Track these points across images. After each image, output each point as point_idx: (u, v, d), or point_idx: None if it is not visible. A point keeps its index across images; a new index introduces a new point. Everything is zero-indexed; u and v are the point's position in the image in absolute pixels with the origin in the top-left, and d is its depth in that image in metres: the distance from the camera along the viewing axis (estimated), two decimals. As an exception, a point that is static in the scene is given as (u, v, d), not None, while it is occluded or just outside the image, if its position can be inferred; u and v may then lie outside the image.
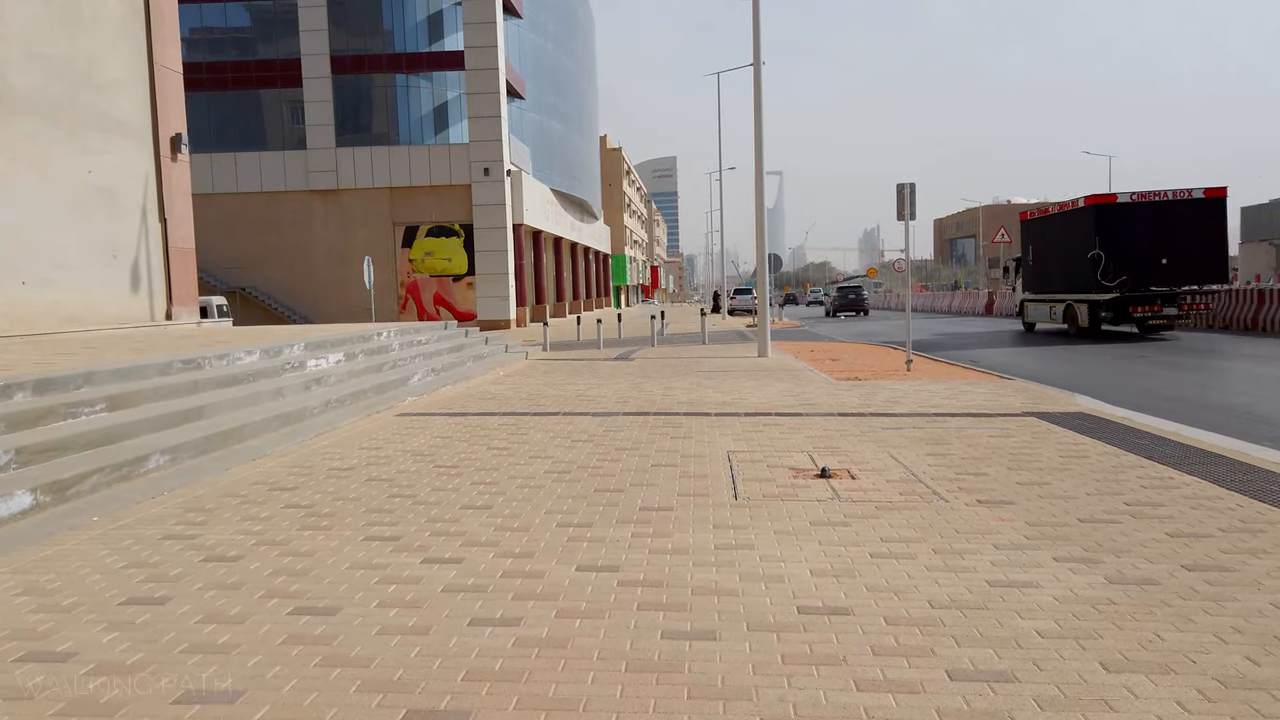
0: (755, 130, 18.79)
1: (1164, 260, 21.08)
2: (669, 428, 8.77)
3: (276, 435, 7.96)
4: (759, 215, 19.53)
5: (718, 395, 11.46)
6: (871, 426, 8.70)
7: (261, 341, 11.25)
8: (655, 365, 16.58)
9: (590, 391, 12.11)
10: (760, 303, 19.38)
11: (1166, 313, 21.16)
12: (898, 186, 15.92)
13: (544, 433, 8.55)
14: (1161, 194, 21.37)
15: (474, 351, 16.13)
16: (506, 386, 12.97)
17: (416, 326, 15.93)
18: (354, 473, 6.73)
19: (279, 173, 41.43)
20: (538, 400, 11.17)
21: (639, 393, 11.86)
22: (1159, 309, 21.12)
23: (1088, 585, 4.05)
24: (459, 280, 41.65)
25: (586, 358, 18.92)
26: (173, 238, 17.10)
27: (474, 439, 8.22)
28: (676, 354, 19.64)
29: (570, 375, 14.73)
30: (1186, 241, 21.04)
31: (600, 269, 74.71)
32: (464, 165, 40.77)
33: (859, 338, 26.61)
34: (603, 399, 11.21)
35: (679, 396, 11.37)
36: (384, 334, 14.05)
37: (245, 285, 41.33)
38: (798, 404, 10.49)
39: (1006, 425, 8.72)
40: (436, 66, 41.42)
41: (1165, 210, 21.25)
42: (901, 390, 11.83)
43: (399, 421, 9.40)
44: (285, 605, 3.86)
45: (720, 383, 13.09)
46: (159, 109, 16.73)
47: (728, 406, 10.34)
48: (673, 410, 10.06)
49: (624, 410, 10.07)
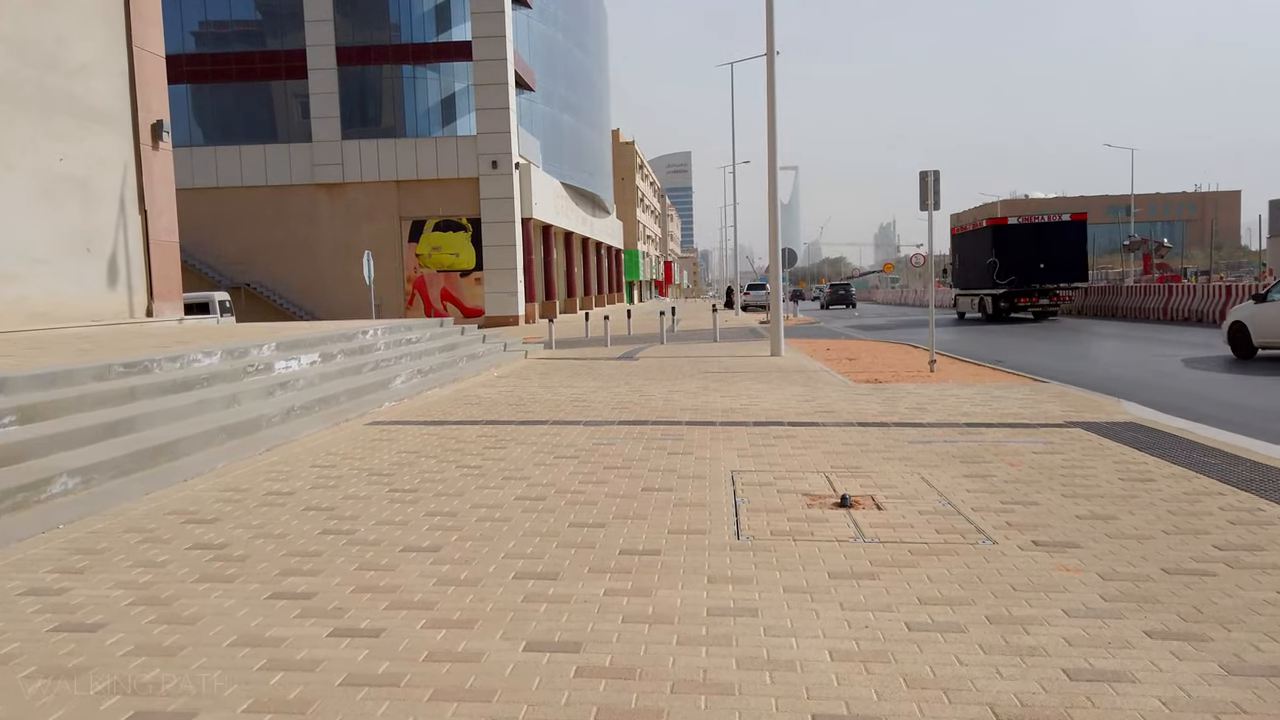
0: (768, 121, 17.73)
1: (1041, 265, 28.50)
2: (668, 440, 7.77)
3: (219, 450, 7.02)
4: (772, 208, 18.49)
5: (725, 400, 10.44)
6: (896, 440, 7.67)
7: (229, 340, 10.34)
8: (661, 365, 15.58)
9: (587, 396, 11.12)
10: (773, 299, 18.35)
11: (1042, 303, 28.81)
12: (921, 174, 14.85)
13: (526, 446, 7.57)
14: (1039, 217, 29.63)
15: (468, 350, 15.18)
16: (497, 389, 12.01)
17: (409, 324, 15.00)
18: (292, 499, 5.77)
19: (284, 166, 40.66)
20: (527, 406, 10.19)
21: (639, 397, 10.86)
22: (1037, 300, 28.90)
23: (1200, 679, 3.03)
24: (466, 275, 40.77)
25: (589, 357, 17.95)
26: (154, 230, 16.23)
27: (444, 455, 7.25)
28: (685, 353, 18.63)
29: (569, 377, 13.76)
30: (1059, 251, 28.68)
31: (613, 264, 73.72)
32: (472, 158, 39.85)
33: (874, 334, 25.50)
34: (599, 405, 10.22)
35: (682, 402, 10.37)
36: (370, 332, 13.11)
37: (250, 281, 40.60)
38: (813, 411, 9.47)
39: (1051, 438, 7.67)
40: (444, 57, 40.52)
41: (1043, 229, 29.09)
42: (927, 395, 10.78)
43: (367, 432, 8.45)
44: (123, 709, 2.88)
45: (729, 386, 12.08)
46: (138, 94, 15.85)
47: (735, 414, 9.33)
48: (674, 419, 9.05)
49: (620, 419, 9.07)
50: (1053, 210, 48.62)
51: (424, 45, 40.35)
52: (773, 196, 18.49)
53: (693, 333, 27.24)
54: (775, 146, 17.89)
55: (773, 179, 18.11)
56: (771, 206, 18.52)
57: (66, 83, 14.17)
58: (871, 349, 19.46)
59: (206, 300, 29.27)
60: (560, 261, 52.37)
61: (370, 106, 40.78)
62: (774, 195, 18.34)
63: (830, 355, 18.02)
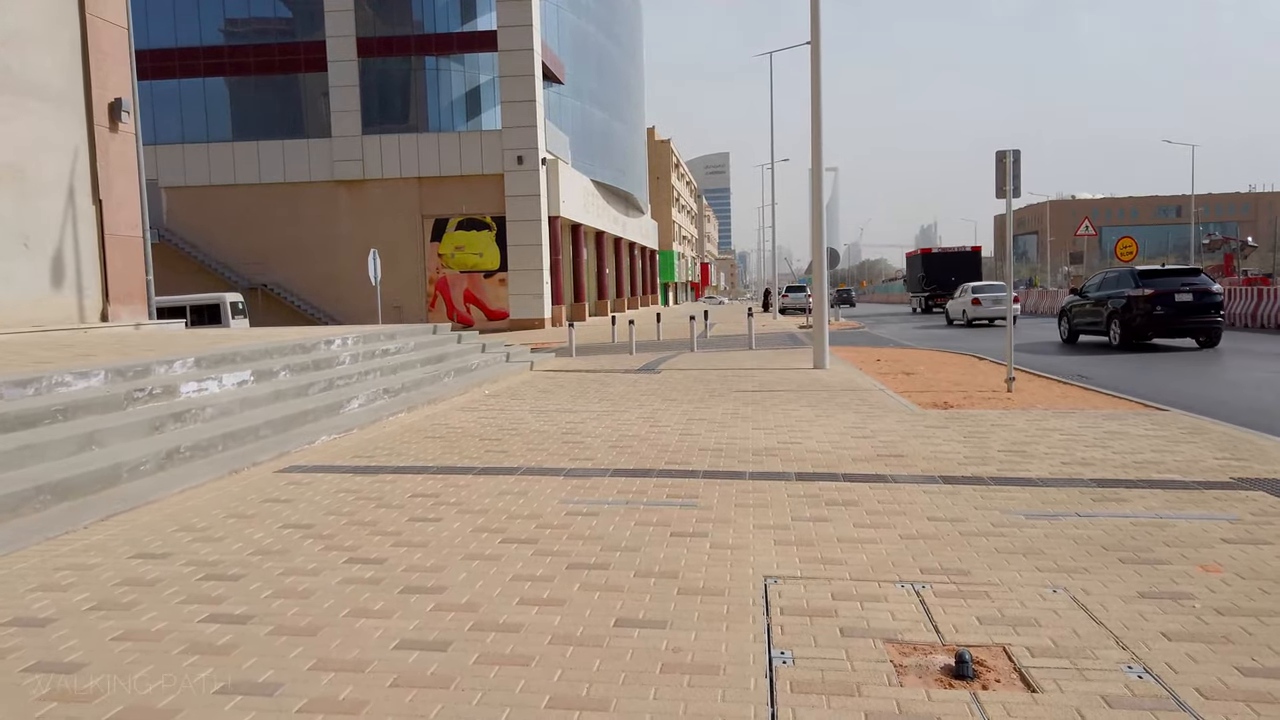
0: (813, 112, 15.34)
1: (952, 279, 41.77)
2: (674, 507, 5.47)
3: (18, 524, 4.86)
4: (815, 204, 16.09)
5: (758, 435, 8.11)
6: (1004, 508, 5.30)
7: (141, 355, 8.25)
8: (686, 380, 13.28)
9: (585, 425, 8.85)
10: (816, 304, 15.93)
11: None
12: (998, 155, 12.37)
13: (468, 516, 5.31)
14: (953, 248, 46.62)
15: (459, 362, 12.99)
16: (478, 415, 9.77)
17: (391, 331, 12.86)
18: (34, 638, 3.57)
19: (303, 162, 39.02)
20: (503, 442, 7.93)
21: (650, 429, 8.57)
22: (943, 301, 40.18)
23: None
24: (491, 276, 38.82)
25: (605, 368, 15.67)
26: (111, 223, 14.29)
27: (344, 531, 5.02)
28: (716, 363, 16.31)
29: (572, 396, 11.51)
30: (963, 270, 43.45)
31: (647, 265, 71.47)
32: (496, 153, 37.88)
33: (926, 342, 22.89)
34: (595, 441, 7.94)
35: (703, 437, 8.05)
36: (336, 342, 10.98)
37: (267, 282, 39.02)
38: (875, 454, 7.10)
39: (1231, 509, 5.23)
40: (468, 48, 38.58)
41: (953, 255, 46.02)
42: (1019, 429, 8.34)
43: (268, 484, 6.26)
44: None
45: (765, 411, 9.73)
46: (93, 69, 13.91)
47: (771, 458, 7.00)
48: (688, 465, 6.74)
49: (617, 465, 6.78)
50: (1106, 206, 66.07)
51: (447, 35, 38.43)
52: (817, 189, 16.10)
53: (726, 339, 24.86)
54: (820, 138, 15.50)
55: (817, 171, 15.71)
56: (815, 200, 16.14)
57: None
58: (931, 360, 16.95)
59: (217, 302, 27.53)
60: (591, 262, 50.24)
61: (392, 100, 38.97)
62: (818, 188, 15.97)
63: (883, 368, 15.57)
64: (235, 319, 27.81)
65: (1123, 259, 33.99)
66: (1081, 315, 20.06)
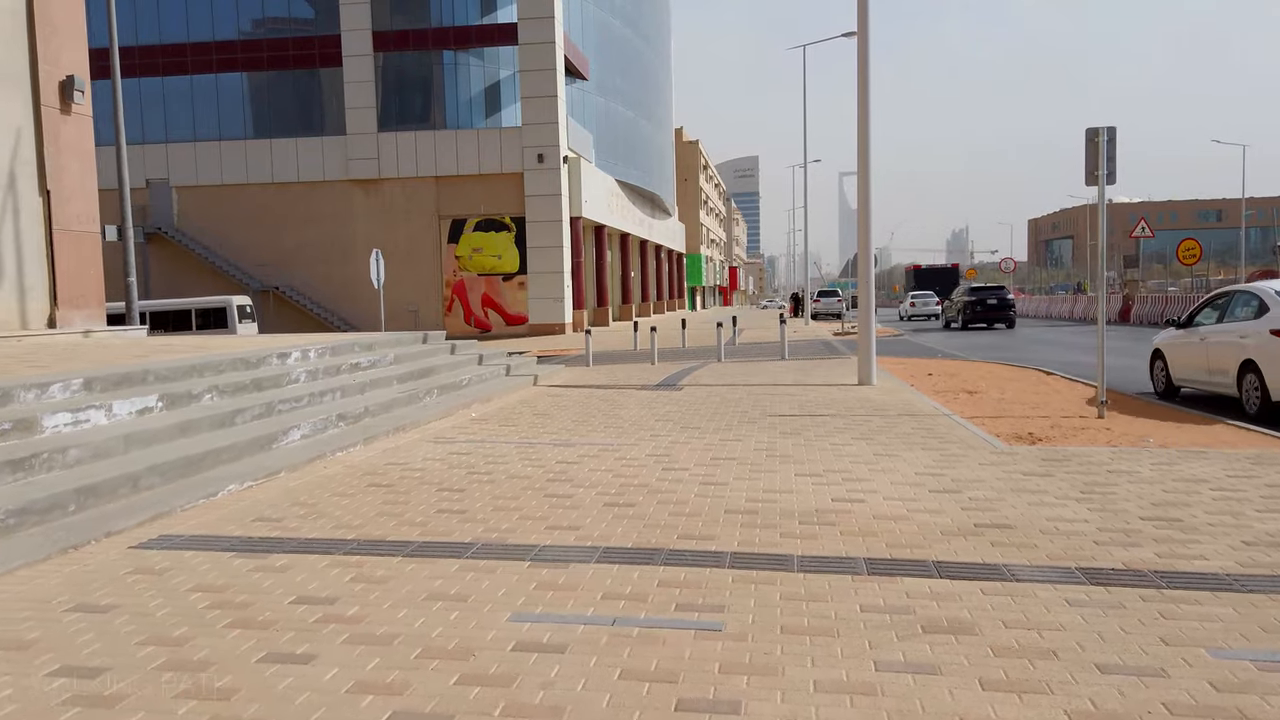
0: (859, 101, 13.32)
1: (937, 288, 49.03)
2: (685, 640, 3.49)
3: None
4: (862, 196, 14.07)
5: (805, 488, 6.11)
6: (1213, 645, 3.28)
7: (17, 375, 6.46)
8: (711, 400, 11.32)
9: (580, 466, 6.92)
10: (862, 311, 13.91)
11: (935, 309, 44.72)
12: (1088, 133, 10.28)
13: (360, 652, 3.35)
14: (937, 265, 59.45)
15: (448, 378, 11.12)
16: (451, 449, 7.87)
17: (369, 340, 11.03)
18: None
19: (317, 161, 37.55)
20: (467, 494, 6.01)
21: (663, 473, 6.62)
22: None
23: None
24: (509, 279, 37.08)
25: (619, 383, 13.74)
26: (61, 216, 12.61)
27: (137, 695, 3.13)
28: (745, 376, 14.35)
29: (575, 420, 9.59)
30: (945, 283, 51.43)
31: (674, 269, 69.48)
32: (516, 151, 36.14)
33: (976, 351, 20.71)
34: (588, 494, 6.00)
35: (732, 489, 6.07)
36: (294, 355, 9.15)
37: (279, 284, 37.55)
38: (971, 522, 5.10)
39: None
40: (487, 41, 36.88)
41: (939, 270, 57.41)
42: (1147, 477, 6.27)
43: (101, 573, 4.36)
44: None
45: (809, 445, 7.75)
46: (40, 43, 12.25)
47: (828, 527, 5.02)
48: (710, 541, 4.77)
49: (608, 541, 4.80)
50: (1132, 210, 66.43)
51: (466, 28, 36.75)
52: (863, 184, 14.07)
53: (756, 346, 22.83)
54: (867, 128, 13.50)
55: (864, 165, 13.69)
56: (861, 195, 14.11)
57: (-86, 16, 10.59)
58: (992, 376, 14.84)
59: (223, 305, 25.98)
60: (614, 265, 48.38)
61: (408, 96, 37.37)
62: (864, 184, 13.95)
63: (938, 384, 13.51)
64: (242, 323, 26.23)
65: (1185, 262, 31.84)
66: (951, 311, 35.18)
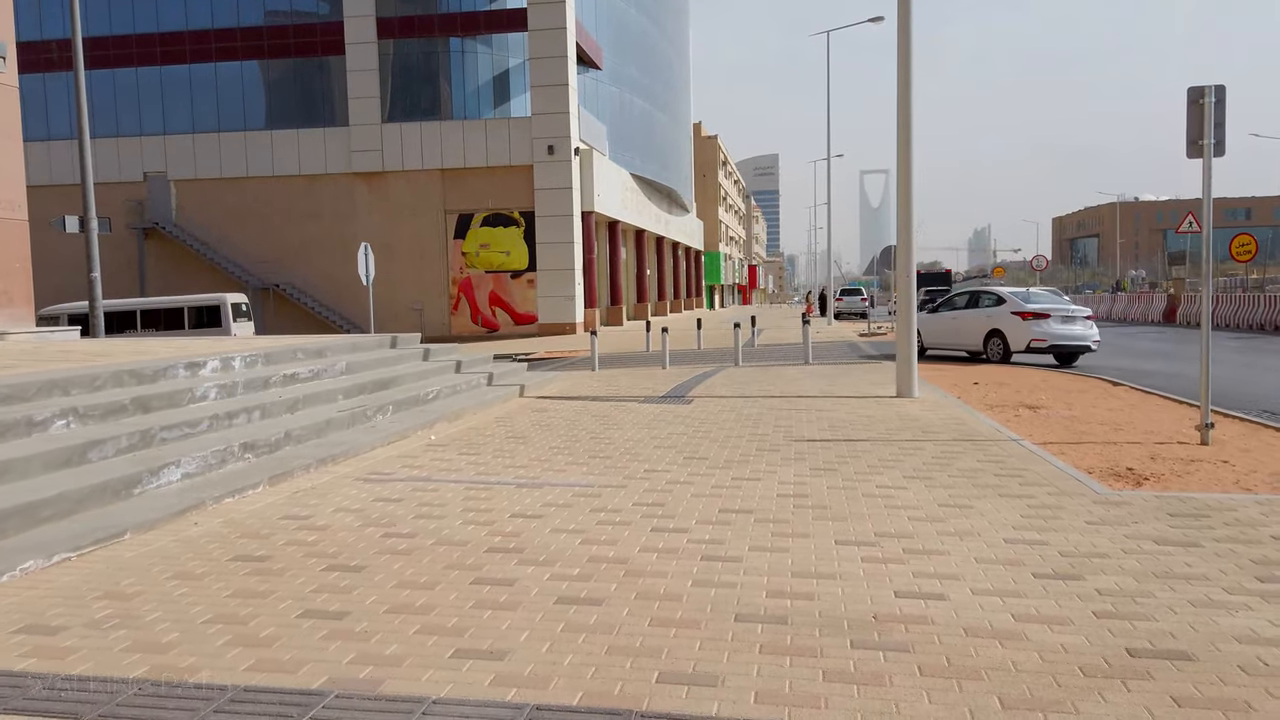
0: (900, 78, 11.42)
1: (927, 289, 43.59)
2: None
3: None
4: (902, 189, 12.16)
5: (851, 572, 4.25)
6: None
7: None
8: (724, 416, 9.49)
9: (535, 532, 5.09)
10: (902, 314, 12.01)
11: None
12: (1190, 93, 8.37)
13: None
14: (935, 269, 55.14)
15: (413, 389, 9.35)
16: (378, 492, 6.08)
17: (318, 346, 9.27)
18: None
19: (319, 153, 36.00)
20: (363, 576, 4.19)
21: (651, 537, 4.81)
22: None
23: None
24: (518, 277, 35.37)
25: (620, 393, 11.93)
26: (-21, 203, 10.96)
27: None
28: (765, 385, 12.50)
29: (552, 449, 7.79)
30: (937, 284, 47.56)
31: (692, 267, 67.57)
32: (525, 142, 34.41)
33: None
34: (536, 579, 4.18)
35: (743, 573, 4.23)
36: (210, 365, 7.42)
37: (280, 282, 36.05)
38: (1122, 647, 3.25)
39: None
40: (495, 27, 35.15)
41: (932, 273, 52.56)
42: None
43: None
44: None
45: (849, 493, 5.90)
46: (-48, 0, 10.59)
47: (895, 656, 3.20)
48: (703, 695, 2.95)
49: (540, 701, 2.96)
50: None
51: (474, 14, 35.02)
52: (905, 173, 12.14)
53: (777, 348, 20.93)
54: (909, 112, 11.63)
55: (905, 153, 11.78)
56: (901, 182, 12.20)
57: None
58: (1049, 386, 12.90)
59: (217, 303, 24.39)
60: (629, 263, 46.57)
61: (413, 85, 35.71)
62: (906, 173, 12.04)
63: (990, 397, 11.61)
64: (238, 322, 24.63)
65: (1239, 259, 29.80)
66: None
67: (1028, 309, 16.31)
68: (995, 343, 16.62)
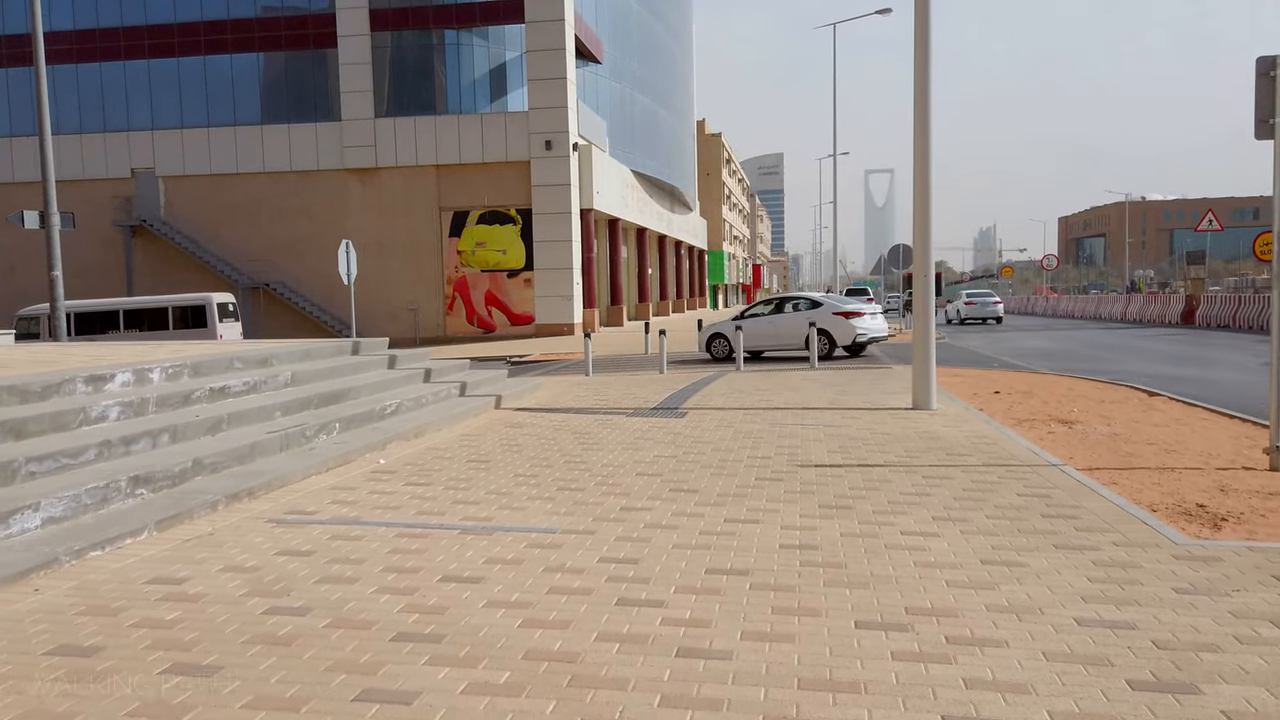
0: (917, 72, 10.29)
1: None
2: None
3: None
4: (919, 186, 11.01)
5: (883, 674, 3.14)
6: None
7: None
8: (720, 435, 8.39)
9: (466, 606, 3.95)
10: (919, 319, 10.87)
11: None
12: (1259, 64, 7.23)
13: None
14: None
15: (368, 403, 8.25)
16: (288, 541, 4.96)
17: (264, 354, 8.18)
18: None
19: (310, 149, 34.94)
20: (196, 696, 3.15)
21: (607, 631, 3.70)
22: None
23: None
24: (515, 276, 34.31)
25: (608, 404, 10.82)
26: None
27: None
28: (768, 394, 11.39)
29: (519, 477, 6.68)
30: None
31: (694, 266, 66.42)
32: (523, 138, 33.33)
33: (1030, 358, 17.55)
34: (441, 705, 3.12)
35: (731, 681, 3.13)
36: (120, 378, 6.32)
37: (270, 281, 35.03)
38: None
39: None
40: (492, 19, 34.06)
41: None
42: None
43: None
44: None
45: (868, 543, 4.77)
46: None
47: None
48: None
49: None
50: None
51: (469, 5, 33.94)
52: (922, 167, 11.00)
53: (782, 354, 19.81)
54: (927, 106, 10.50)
55: (923, 145, 10.64)
56: (918, 174, 11.06)
57: None
58: (1074, 393, 11.74)
59: (202, 303, 23.33)
60: (630, 262, 45.46)
61: (408, 78, 34.63)
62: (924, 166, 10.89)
63: (1014, 408, 10.46)
64: (224, 322, 23.55)
65: (1263, 258, 28.72)
66: None
67: (847, 309, 18.27)
68: (822, 341, 17.70)
